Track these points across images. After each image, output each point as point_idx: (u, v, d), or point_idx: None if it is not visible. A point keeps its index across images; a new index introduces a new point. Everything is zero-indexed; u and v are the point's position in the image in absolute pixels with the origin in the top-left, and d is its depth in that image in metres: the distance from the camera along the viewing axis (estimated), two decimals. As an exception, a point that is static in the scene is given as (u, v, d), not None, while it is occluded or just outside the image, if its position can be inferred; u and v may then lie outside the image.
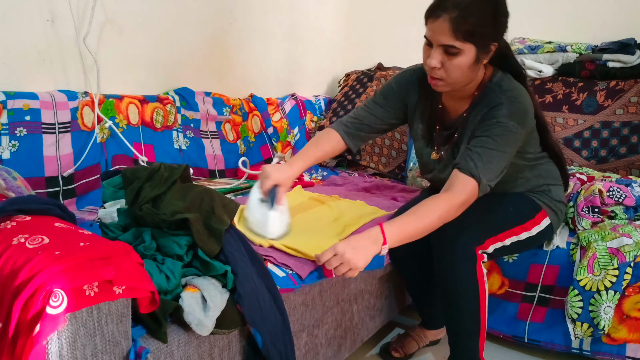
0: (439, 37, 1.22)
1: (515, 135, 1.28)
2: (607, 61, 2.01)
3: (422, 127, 1.51)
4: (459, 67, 1.24)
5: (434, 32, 1.23)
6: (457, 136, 1.42)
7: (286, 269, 1.19)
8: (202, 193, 1.11)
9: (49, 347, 0.71)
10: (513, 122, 1.27)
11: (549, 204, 1.48)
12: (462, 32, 1.19)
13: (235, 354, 1.05)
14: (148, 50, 1.87)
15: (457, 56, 1.23)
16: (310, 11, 2.73)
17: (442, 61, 1.25)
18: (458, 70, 1.25)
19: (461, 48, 1.21)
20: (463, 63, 1.24)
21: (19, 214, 0.90)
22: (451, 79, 1.28)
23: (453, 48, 1.22)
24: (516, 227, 1.41)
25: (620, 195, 1.62)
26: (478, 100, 1.36)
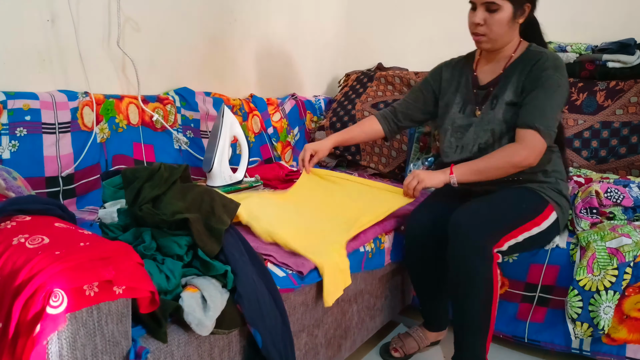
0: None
1: (561, 88, 1.45)
2: (607, 61, 2.01)
3: (456, 96, 1.63)
4: (499, 21, 1.45)
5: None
6: (493, 90, 1.55)
7: (286, 269, 1.19)
8: (202, 193, 1.11)
9: (49, 347, 0.71)
10: (558, 74, 1.45)
11: (555, 199, 1.51)
12: None
13: (235, 354, 1.05)
14: (148, 50, 1.87)
15: (497, 12, 1.44)
16: (310, 11, 2.73)
17: (485, 18, 1.46)
18: (498, 25, 1.45)
19: (500, 4, 1.43)
20: (503, 18, 1.44)
21: (19, 214, 0.90)
22: (493, 33, 1.47)
23: (494, 4, 1.43)
24: (528, 222, 1.44)
25: (618, 197, 1.63)
26: (518, 61, 1.53)
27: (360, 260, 1.41)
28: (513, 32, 1.51)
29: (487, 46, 1.52)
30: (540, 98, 1.44)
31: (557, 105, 1.44)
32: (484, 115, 1.55)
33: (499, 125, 1.51)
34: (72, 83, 1.65)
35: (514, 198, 1.47)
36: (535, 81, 1.45)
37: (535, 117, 1.42)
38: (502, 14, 1.44)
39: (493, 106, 1.53)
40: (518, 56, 1.54)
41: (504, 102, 1.51)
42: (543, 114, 1.42)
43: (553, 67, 1.45)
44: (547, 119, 1.42)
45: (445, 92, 1.68)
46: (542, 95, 1.44)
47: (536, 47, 1.54)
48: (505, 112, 1.50)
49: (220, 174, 1.76)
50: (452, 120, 1.62)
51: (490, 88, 1.56)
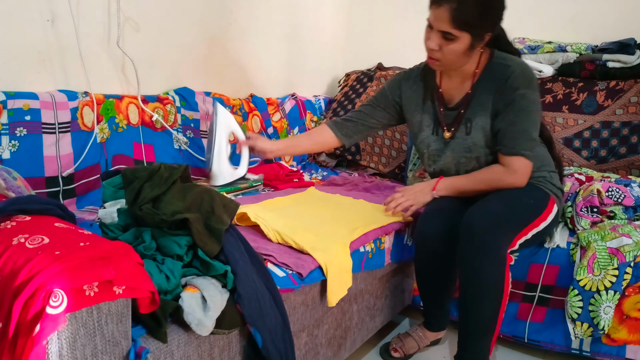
0: (438, 24, 1.35)
1: (536, 103, 1.44)
2: (607, 61, 2.01)
3: (426, 116, 1.60)
4: (454, 51, 1.38)
5: (435, 18, 1.36)
6: (464, 112, 1.51)
7: (286, 269, 1.19)
8: (202, 193, 1.11)
9: (49, 347, 0.71)
10: (530, 90, 1.42)
11: (553, 191, 1.51)
12: (459, 22, 1.32)
13: (235, 354, 1.05)
14: (148, 50, 1.87)
15: (453, 42, 1.36)
16: (310, 11, 2.73)
17: (440, 44, 1.38)
18: (453, 54, 1.39)
19: (457, 35, 1.34)
20: (458, 49, 1.37)
21: (19, 214, 0.90)
22: (446, 60, 1.41)
23: (450, 35, 1.35)
24: (537, 218, 1.44)
25: (619, 196, 1.62)
26: (483, 77, 1.48)
27: (361, 260, 1.41)
28: (469, 57, 1.44)
29: (440, 69, 1.50)
30: (519, 122, 1.41)
31: (536, 123, 1.44)
32: (460, 141, 1.52)
33: (483, 153, 1.51)
34: (72, 83, 1.65)
35: (522, 195, 1.45)
36: (510, 104, 1.42)
37: (519, 143, 1.41)
38: (458, 44, 1.36)
39: (468, 131, 1.50)
40: (482, 71, 1.48)
41: (480, 127, 1.49)
42: (525, 137, 1.42)
43: (524, 85, 1.41)
44: (530, 142, 1.42)
45: (410, 110, 1.63)
46: (521, 118, 1.41)
47: (500, 58, 1.47)
48: (487, 139, 1.49)
49: (221, 173, 1.76)
50: (426, 144, 1.60)
51: (461, 110, 1.52)
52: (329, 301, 1.27)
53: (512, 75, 1.42)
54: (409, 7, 2.79)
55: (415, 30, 2.82)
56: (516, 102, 1.41)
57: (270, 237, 1.32)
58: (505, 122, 1.43)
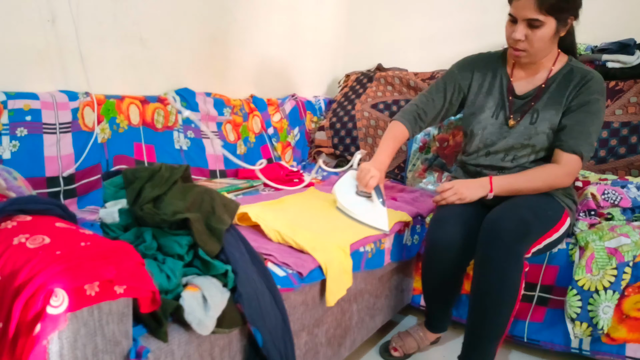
0: (524, 12, 1.38)
1: (603, 112, 1.47)
2: (606, 61, 2.01)
3: (489, 99, 1.60)
4: (542, 38, 1.40)
5: (519, 9, 1.39)
6: (534, 104, 1.53)
7: (286, 269, 1.20)
8: (203, 193, 1.11)
9: (49, 347, 0.71)
10: (603, 100, 1.46)
11: (568, 204, 1.52)
12: (546, 6, 1.35)
13: (236, 353, 1.05)
14: (148, 50, 1.88)
15: (540, 28, 1.38)
16: (310, 11, 2.73)
17: (526, 34, 1.40)
18: (541, 42, 1.41)
19: (544, 21, 1.37)
20: (545, 34, 1.40)
21: (20, 214, 0.90)
22: (534, 49, 1.43)
23: (537, 21, 1.37)
24: (551, 230, 1.45)
25: (615, 198, 1.63)
26: (560, 74, 1.51)
27: (360, 260, 1.41)
28: (553, 46, 1.49)
29: (526, 60, 1.49)
30: (586, 123, 1.43)
31: (599, 131, 1.47)
32: (521, 128, 1.52)
33: (542, 143, 1.51)
34: (72, 83, 1.65)
35: (540, 204, 1.46)
36: (583, 104, 1.45)
37: (581, 143, 1.43)
38: (545, 30, 1.39)
39: (533, 121, 1.51)
40: (558, 70, 1.52)
41: (547, 120, 1.49)
42: (588, 139, 1.43)
43: (600, 92, 1.45)
44: (590, 145, 1.44)
45: (475, 93, 1.64)
46: (589, 120, 1.43)
47: (579, 63, 1.52)
48: (550, 132, 1.49)
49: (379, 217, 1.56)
50: (483, 126, 1.59)
51: (532, 102, 1.53)
52: (328, 301, 1.28)
53: (592, 79, 1.46)
54: (408, 8, 2.79)
55: (415, 30, 2.84)
56: (590, 105, 1.43)
57: (271, 237, 1.33)
58: (573, 120, 1.45)
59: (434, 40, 2.69)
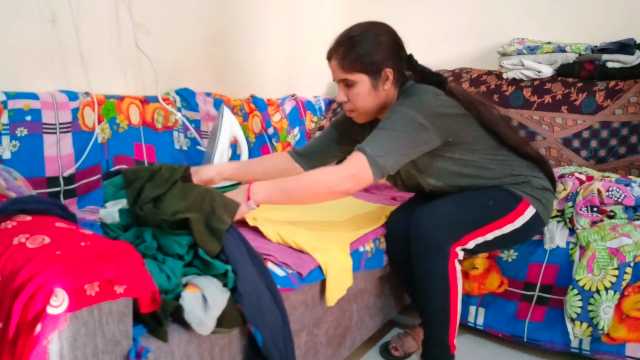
0: (336, 74, 1.40)
1: (411, 122, 1.31)
2: (606, 61, 2.01)
3: None
4: (359, 95, 1.38)
5: (332, 72, 1.42)
6: None
7: (286, 268, 1.20)
8: (203, 193, 1.11)
9: (49, 347, 0.71)
10: (406, 108, 1.32)
11: (531, 193, 1.48)
12: (348, 65, 1.35)
13: (236, 353, 1.05)
14: (149, 50, 1.88)
15: (354, 86, 1.38)
16: (311, 11, 2.73)
17: (346, 94, 1.40)
18: (359, 99, 1.39)
19: (355, 79, 1.37)
20: (361, 91, 1.38)
21: (20, 214, 0.90)
22: (359, 108, 1.42)
23: (347, 80, 1.38)
24: (497, 220, 1.44)
25: (619, 195, 1.62)
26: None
27: (360, 259, 1.41)
28: (379, 97, 1.40)
29: (361, 119, 1.46)
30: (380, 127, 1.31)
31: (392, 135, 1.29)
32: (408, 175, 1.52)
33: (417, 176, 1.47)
34: (72, 83, 1.65)
35: (482, 196, 1.45)
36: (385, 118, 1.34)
37: (369, 143, 1.28)
38: (359, 87, 1.37)
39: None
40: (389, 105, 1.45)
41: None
42: (377, 141, 1.28)
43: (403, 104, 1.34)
44: (378, 147, 1.27)
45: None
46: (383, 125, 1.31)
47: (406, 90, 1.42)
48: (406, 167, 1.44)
49: None
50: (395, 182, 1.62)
51: None
52: (328, 301, 1.28)
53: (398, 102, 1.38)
54: (408, 8, 2.79)
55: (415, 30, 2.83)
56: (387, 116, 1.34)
57: (270, 238, 1.33)
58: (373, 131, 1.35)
59: (434, 40, 2.69)
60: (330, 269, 1.26)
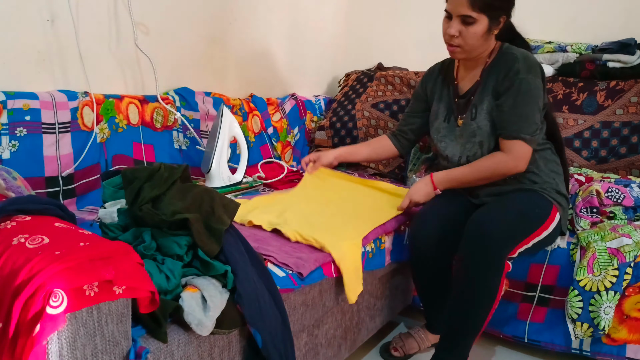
0: (458, 9, 1.43)
1: (538, 89, 1.45)
2: (607, 61, 2.01)
3: (440, 106, 1.64)
4: (475, 34, 1.44)
5: (453, 5, 1.44)
6: (473, 98, 1.54)
7: (286, 269, 1.19)
8: (202, 193, 1.11)
9: (49, 347, 0.71)
10: (532, 76, 1.44)
11: (556, 199, 1.50)
12: (479, 4, 1.40)
13: (235, 354, 1.05)
14: (148, 49, 1.87)
15: (473, 25, 1.42)
16: (311, 11, 2.73)
17: (460, 30, 1.44)
18: (474, 37, 1.44)
19: (476, 18, 1.41)
20: (478, 31, 1.43)
21: (19, 214, 0.90)
22: (468, 45, 1.46)
23: (469, 18, 1.41)
24: (539, 228, 1.43)
25: (618, 196, 1.62)
26: (491, 66, 1.52)
27: (361, 260, 1.41)
28: (489, 42, 1.50)
29: (461, 56, 1.52)
30: (519, 105, 1.43)
31: (536, 108, 1.44)
32: (466, 126, 1.54)
33: (487, 138, 1.51)
34: (72, 83, 1.65)
35: (527, 204, 1.45)
36: (510, 87, 1.45)
37: (519, 126, 1.43)
38: (477, 27, 1.43)
39: (473, 116, 1.53)
40: (492, 60, 1.53)
41: (485, 112, 1.51)
42: (525, 121, 1.43)
43: (525, 70, 1.44)
44: (529, 125, 1.43)
45: (431, 101, 1.69)
46: (521, 101, 1.43)
47: (508, 48, 1.51)
48: (491, 123, 1.50)
49: (219, 175, 1.76)
50: (437, 130, 1.63)
51: (471, 97, 1.55)
52: (349, 298, 1.31)
53: (515, 61, 1.45)
54: (408, 7, 2.79)
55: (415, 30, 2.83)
56: (516, 86, 1.43)
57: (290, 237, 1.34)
58: (506, 106, 1.45)
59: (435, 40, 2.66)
60: (345, 265, 1.28)
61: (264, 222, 1.41)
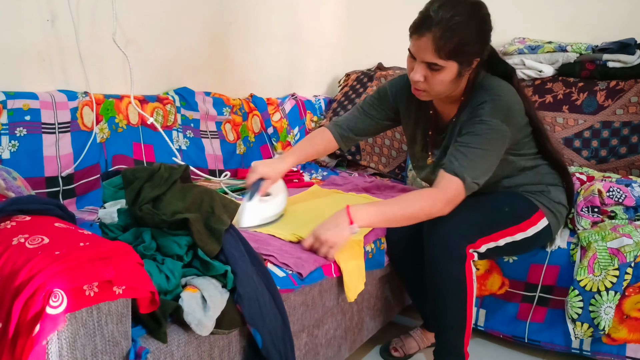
0: (422, 55, 1.25)
1: (499, 133, 1.30)
2: (607, 61, 2.01)
3: (418, 132, 1.55)
4: (442, 81, 1.28)
5: (418, 49, 1.26)
6: (445, 139, 1.45)
7: (286, 269, 1.19)
8: (202, 193, 1.11)
9: (48, 347, 0.71)
10: (496, 120, 1.29)
11: (547, 205, 1.47)
12: (445, 51, 1.22)
13: (235, 354, 1.05)
14: (148, 49, 1.87)
15: (440, 72, 1.26)
16: (311, 11, 2.73)
17: (425, 75, 1.28)
18: (441, 85, 1.29)
19: (444, 65, 1.25)
20: (446, 78, 1.27)
21: (19, 214, 0.90)
22: (434, 91, 1.32)
23: (435, 65, 1.25)
24: (510, 227, 1.41)
25: (620, 196, 1.62)
26: (465, 104, 1.39)
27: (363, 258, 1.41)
28: (459, 84, 1.34)
29: (427, 99, 1.39)
30: (472, 146, 1.28)
31: (488, 156, 1.29)
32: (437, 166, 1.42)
33: None
34: (71, 83, 1.65)
35: (498, 202, 1.42)
36: (471, 130, 1.30)
37: (465, 166, 1.26)
38: (445, 74, 1.26)
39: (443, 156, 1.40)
40: (465, 98, 1.38)
41: None
42: (473, 164, 1.27)
43: (490, 114, 1.29)
44: (475, 170, 1.27)
45: (405, 120, 1.57)
46: (475, 143, 1.28)
47: (481, 86, 1.36)
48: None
49: None
50: (415, 157, 1.59)
51: (443, 138, 1.45)
52: (348, 297, 1.31)
53: (483, 104, 1.31)
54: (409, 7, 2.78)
55: (415, 30, 2.83)
56: (475, 129, 1.29)
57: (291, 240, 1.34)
58: (460, 143, 1.31)
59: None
60: (346, 264, 1.29)
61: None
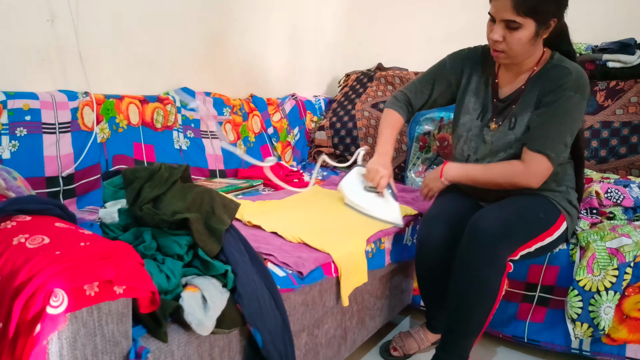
0: (501, 13, 1.31)
1: (579, 108, 1.37)
2: (607, 61, 2.01)
3: (474, 100, 1.55)
4: (520, 40, 1.33)
5: (497, 9, 1.32)
6: (515, 107, 1.46)
7: (286, 269, 1.19)
8: (203, 193, 1.11)
9: (49, 347, 0.71)
10: (579, 95, 1.35)
11: (566, 208, 1.47)
12: (524, 8, 1.28)
13: (236, 353, 1.05)
14: (148, 50, 1.87)
15: (518, 30, 1.31)
16: (311, 11, 2.73)
17: (504, 35, 1.34)
18: (519, 44, 1.34)
19: (522, 23, 1.30)
20: (523, 37, 1.32)
21: (19, 214, 0.90)
22: (512, 51, 1.36)
23: (514, 23, 1.30)
24: (542, 233, 1.41)
25: (618, 197, 1.62)
26: (539, 75, 1.43)
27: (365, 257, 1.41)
28: (536, 48, 1.39)
29: (506, 62, 1.42)
30: (555, 122, 1.35)
31: (570, 129, 1.37)
32: (501, 135, 1.46)
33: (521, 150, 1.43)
34: (72, 83, 1.65)
35: (533, 208, 1.42)
36: (553, 102, 1.36)
37: (547, 143, 1.35)
38: (523, 32, 1.31)
39: (512, 126, 1.44)
40: (539, 69, 1.43)
41: (525, 124, 1.42)
42: (555, 139, 1.35)
43: (574, 88, 1.35)
44: (558, 145, 1.36)
45: (463, 91, 1.58)
46: (558, 119, 1.35)
47: (560, 61, 1.41)
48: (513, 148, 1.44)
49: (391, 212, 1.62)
50: (467, 127, 1.55)
51: (512, 105, 1.46)
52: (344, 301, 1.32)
53: (568, 76, 1.36)
54: (409, 8, 2.79)
55: (414, 30, 2.83)
56: (559, 102, 1.35)
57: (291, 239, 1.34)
58: (542, 118, 1.37)
59: (434, 40, 2.69)
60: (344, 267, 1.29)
61: (263, 223, 1.42)
